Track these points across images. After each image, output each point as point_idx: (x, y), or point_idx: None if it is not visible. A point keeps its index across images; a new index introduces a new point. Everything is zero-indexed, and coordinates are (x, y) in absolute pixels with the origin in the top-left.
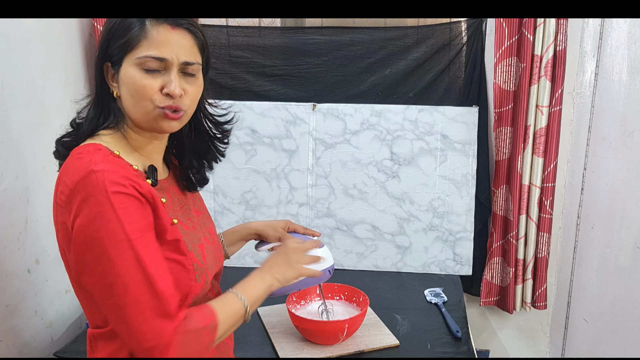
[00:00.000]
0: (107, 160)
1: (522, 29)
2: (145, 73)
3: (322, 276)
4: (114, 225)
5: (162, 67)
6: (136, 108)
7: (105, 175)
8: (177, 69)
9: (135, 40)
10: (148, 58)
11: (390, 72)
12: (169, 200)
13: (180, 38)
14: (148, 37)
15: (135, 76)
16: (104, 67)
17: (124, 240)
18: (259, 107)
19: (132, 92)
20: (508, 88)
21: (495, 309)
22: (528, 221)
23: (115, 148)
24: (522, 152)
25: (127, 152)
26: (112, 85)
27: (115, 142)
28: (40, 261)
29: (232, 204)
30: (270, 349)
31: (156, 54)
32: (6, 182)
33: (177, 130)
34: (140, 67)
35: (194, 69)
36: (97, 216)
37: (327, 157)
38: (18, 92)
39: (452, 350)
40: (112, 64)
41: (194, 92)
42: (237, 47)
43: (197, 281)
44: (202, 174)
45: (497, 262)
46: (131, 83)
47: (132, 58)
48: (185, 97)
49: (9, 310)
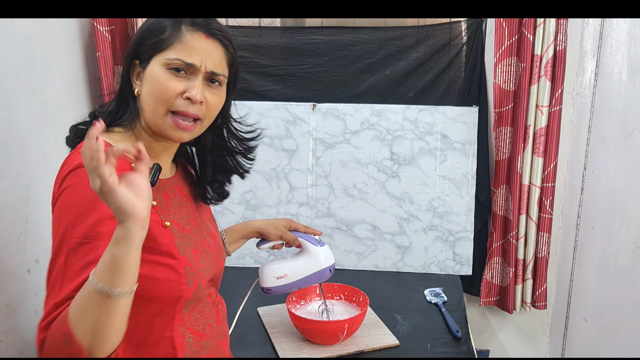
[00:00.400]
0: None
1: (522, 28)
2: (170, 74)
3: (323, 274)
4: (67, 223)
5: (189, 72)
6: (151, 108)
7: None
8: (202, 77)
9: (168, 41)
10: (178, 61)
11: (390, 72)
12: (165, 201)
13: (212, 48)
14: (182, 41)
15: (160, 75)
16: (131, 65)
17: (65, 240)
18: (259, 107)
19: (154, 91)
20: (508, 88)
21: (495, 309)
22: (528, 221)
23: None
24: (522, 152)
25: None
26: (135, 83)
27: (123, 139)
28: (41, 261)
29: (232, 204)
30: (270, 349)
31: (186, 59)
32: (6, 181)
33: (186, 140)
34: (167, 68)
35: (219, 79)
36: (62, 210)
37: (327, 157)
38: (18, 92)
39: (452, 350)
40: (140, 61)
41: (215, 102)
42: (236, 47)
43: (188, 285)
44: (224, 188)
45: (497, 262)
46: (154, 81)
47: (162, 58)
48: (204, 106)
49: (9, 310)
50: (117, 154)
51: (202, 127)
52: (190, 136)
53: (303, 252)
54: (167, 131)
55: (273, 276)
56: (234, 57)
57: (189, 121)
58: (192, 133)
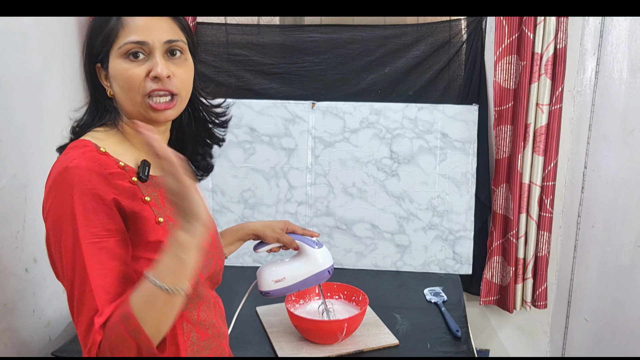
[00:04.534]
0: (86, 156)
1: (522, 26)
2: (130, 62)
3: (322, 276)
4: (70, 228)
5: (146, 53)
6: (127, 101)
7: (76, 172)
8: (160, 52)
9: (114, 31)
10: (128, 44)
11: (389, 70)
12: (159, 197)
13: (158, 21)
14: (125, 26)
15: (122, 67)
16: (95, 70)
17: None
18: (258, 106)
19: (122, 84)
20: (508, 86)
21: (495, 308)
22: (528, 220)
23: (104, 144)
24: (522, 151)
25: (121, 147)
26: (106, 86)
27: (108, 137)
28: (38, 260)
29: (231, 203)
30: (269, 349)
31: (135, 39)
32: (4, 180)
33: (174, 118)
34: (125, 58)
35: (178, 46)
36: (60, 217)
37: (326, 155)
38: (16, 91)
39: (451, 349)
40: (101, 63)
41: (184, 73)
42: (235, 45)
43: None
44: (207, 161)
45: (497, 261)
46: (119, 75)
47: (115, 50)
48: (175, 79)
49: (7, 310)
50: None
51: (181, 101)
52: (174, 113)
53: (301, 254)
54: (150, 116)
55: (271, 280)
56: (186, 24)
57: (166, 98)
58: (175, 109)
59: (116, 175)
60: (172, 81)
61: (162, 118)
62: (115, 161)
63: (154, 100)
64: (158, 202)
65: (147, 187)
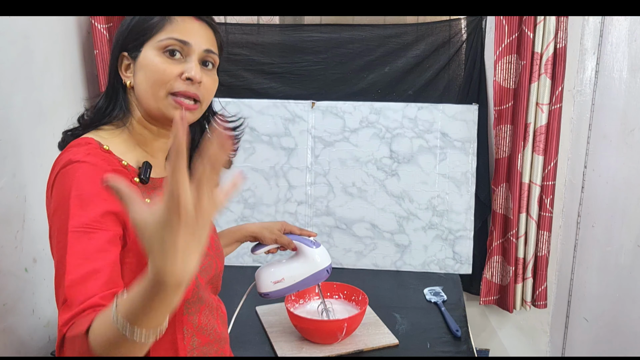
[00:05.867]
0: (90, 153)
1: (522, 26)
2: (166, 58)
3: (321, 276)
4: (63, 216)
5: (183, 55)
6: (149, 94)
7: (79, 165)
8: (197, 57)
9: (159, 25)
10: (172, 40)
11: (389, 70)
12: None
13: (203, 29)
14: (172, 22)
15: (156, 60)
16: (119, 58)
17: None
18: (258, 105)
19: (150, 76)
20: (508, 86)
21: (495, 308)
22: (528, 219)
23: (108, 143)
24: (522, 150)
25: (125, 147)
26: (125, 76)
27: (113, 136)
28: (38, 260)
29: (231, 202)
30: (268, 348)
31: (179, 37)
32: (3, 180)
33: (190, 122)
34: (161, 52)
35: (213, 59)
36: (58, 207)
37: (326, 155)
38: (15, 90)
39: (451, 349)
40: (129, 51)
41: (210, 84)
42: (235, 45)
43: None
44: None
45: (497, 260)
46: (150, 66)
47: (154, 42)
48: (202, 87)
49: (6, 309)
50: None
51: (201, 109)
52: (192, 117)
53: (299, 254)
54: (170, 113)
55: (270, 281)
56: (222, 41)
57: (190, 101)
58: (194, 114)
59: (118, 173)
60: (201, 88)
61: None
62: (118, 160)
63: (179, 98)
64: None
65: (146, 189)
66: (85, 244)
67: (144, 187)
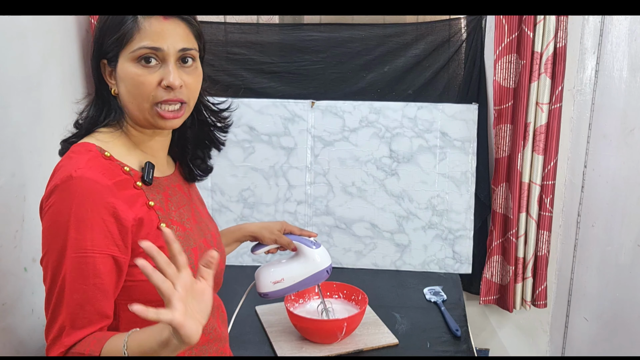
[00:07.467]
0: (91, 164)
1: (522, 25)
2: (142, 68)
3: (321, 276)
4: (61, 236)
5: (159, 59)
6: (134, 106)
7: (80, 183)
8: (174, 59)
9: (128, 34)
10: (143, 49)
11: (389, 69)
12: (164, 200)
13: (174, 27)
14: (141, 30)
15: (132, 72)
16: (100, 65)
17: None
18: (257, 105)
19: (130, 89)
20: (508, 85)
21: (495, 308)
22: (528, 219)
23: (109, 147)
24: (522, 150)
25: (126, 149)
26: (110, 83)
27: (112, 140)
28: (37, 259)
29: (230, 202)
30: (268, 348)
31: (150, 44)
32: (2, 179)
33: (178, 126)
34: (136, 62)
35: (192, 54)
36: (55, 223)
37: (325, 154)
38: (14, 89)
39: (451, 349)
40: (108, 60)
41: (194, 82)
42: (234, 44)
43: None
44: (206, 163)
45: (496, 260)
46: (129, 79)
47: (127, 52)
48: (185, 89)
49: (5, 309)
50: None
51: (189, 109)
52: (180, 121)
53: (299, 255)
54: (157, 123)
55: (270, 281)
56: (199, 29)
57: (175, 107)
58: (182, 118)
59: (121, 184)
60: (183, 90)
61: (168, 126)
62: (120, 166)
63: (163, 108)
64: (162, 206)
65: (151, 190)
66: (84, 269)
67: (147, 189)
